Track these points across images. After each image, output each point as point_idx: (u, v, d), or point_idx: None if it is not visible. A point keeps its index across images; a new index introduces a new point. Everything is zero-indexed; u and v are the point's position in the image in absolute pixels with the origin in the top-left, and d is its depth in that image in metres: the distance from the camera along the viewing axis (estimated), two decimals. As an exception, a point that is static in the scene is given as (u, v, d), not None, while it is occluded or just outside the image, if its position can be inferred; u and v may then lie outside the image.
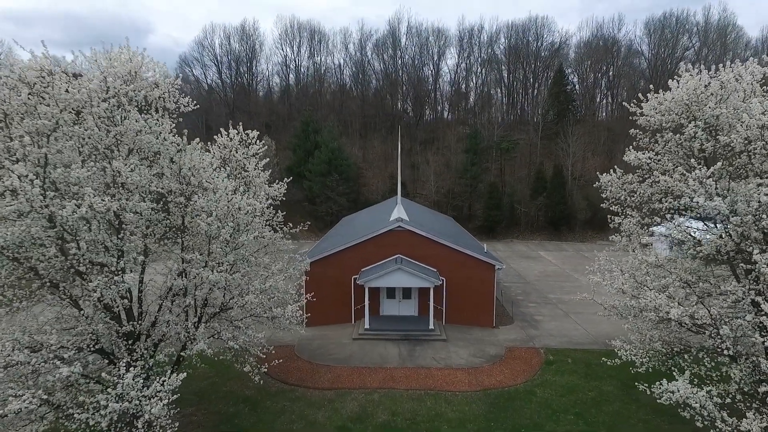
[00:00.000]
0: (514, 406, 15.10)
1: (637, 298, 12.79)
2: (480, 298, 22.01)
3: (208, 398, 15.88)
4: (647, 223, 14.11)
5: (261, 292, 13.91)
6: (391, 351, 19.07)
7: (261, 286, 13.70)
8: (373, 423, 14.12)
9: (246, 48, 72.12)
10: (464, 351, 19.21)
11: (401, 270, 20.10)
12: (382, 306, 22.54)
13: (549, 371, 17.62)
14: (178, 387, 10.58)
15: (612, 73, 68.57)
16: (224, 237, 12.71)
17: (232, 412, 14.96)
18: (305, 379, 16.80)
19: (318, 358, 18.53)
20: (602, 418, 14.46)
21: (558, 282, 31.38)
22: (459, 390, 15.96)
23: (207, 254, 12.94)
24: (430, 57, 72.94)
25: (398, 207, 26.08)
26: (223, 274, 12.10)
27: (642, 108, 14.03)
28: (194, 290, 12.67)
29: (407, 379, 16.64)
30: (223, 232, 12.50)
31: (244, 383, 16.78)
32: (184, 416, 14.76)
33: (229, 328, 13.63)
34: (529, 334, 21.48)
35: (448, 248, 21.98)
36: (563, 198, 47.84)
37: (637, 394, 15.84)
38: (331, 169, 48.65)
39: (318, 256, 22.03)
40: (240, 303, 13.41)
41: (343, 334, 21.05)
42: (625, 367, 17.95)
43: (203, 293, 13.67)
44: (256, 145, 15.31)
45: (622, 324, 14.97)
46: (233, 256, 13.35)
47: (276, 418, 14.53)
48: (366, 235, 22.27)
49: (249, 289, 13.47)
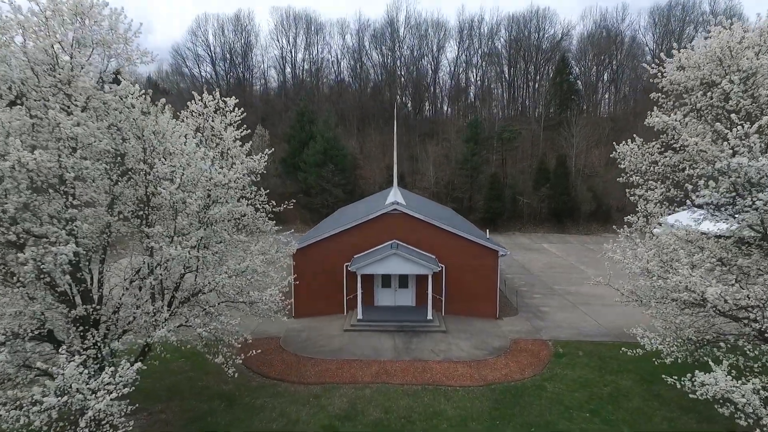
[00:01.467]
0: (522, 402, 13.50)
1: (665, 279, 11.18)
2: (482, 287, 20.40)
3: (180, 394, 14.26)
4: (672, 197, 12.53)
5: (236, 273, 12.30)
6: (385, 343, 17.46)
7: (236, 267, 12.08)
8: (363, 421, 12.51)
9: (241, 39, 70.46)
10: (465, 343, 17.61)
11: (397, 255, 18.48)
12: (376, 296, 20.92)
13: (559, 364, 16.02)
14: (137, 380, 9.02)
15: (615, 65, 66.92)
16: (192, 210, 11.12)
17: (205, 410, 13.35)
18: (289, 373, 15.18)
19: (305, 350, 16.92)
20: (621, 416, 12.86)
21: (563, 274, 29.78)
22: (460, 385, 14.36)
23: (174, 229, 11.35)
24: (429, 49, 71.35)
25: (394, 190, 24.46)
26: (187, 249, 10.46)
27: (665, 69, 12.40)
28: (160, 270, 11.06)
29: (403, 373, 15.03)
30: (190, 201, 10.91)
31: (222, 378, 15.14)
32: (150, 414, 13.17)
33: (200, 314, 12.03)
34: (536, 325, 19.88)
35: (448, 233, 20.36)
36: (567, 189, 46.22)
37: (658, 389, 14.30)
38: (326, 160, 47.01)
39: (307, 242, 20.42)
40: (211, 285, 11.80)
41: (333, 325, 19.43)
42: (643, 360, 16.35)
43: (174, 276, 12.10)
44: (233, 113, 13.70)
45: (643, 311, 13.38)
46: (204, 232, 11.79)
47: (254, 415, 12.92)
48: (359, 219, 20.65)
49: (222, 270, 11.85)
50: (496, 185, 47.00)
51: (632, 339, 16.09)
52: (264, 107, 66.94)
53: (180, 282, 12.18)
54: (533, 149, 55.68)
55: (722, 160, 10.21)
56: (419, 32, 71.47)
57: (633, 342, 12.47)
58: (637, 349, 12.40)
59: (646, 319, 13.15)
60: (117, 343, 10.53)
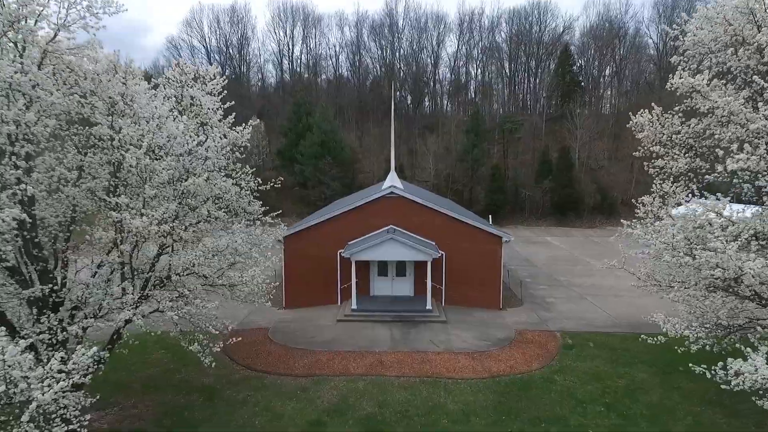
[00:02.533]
0: (531, 395, 12.31)
1: (692, 256, 9.98)
2: (485, 275, 19.19)
3: (156, 387, 13.08)
4: (697, 168, 11.34)
5: (214, 253, 11.12)
6: (381, 333, 16.26)
7: (213, 244, 10.88)
8: (354, 416, 11.32)
9: (237, 32, 69.28)
10: (467, 334, 16.41)
11: (394, 240, 17.28)
12: (372, 285, 19.72)
13: (569, 356, 14.83)
14: (98, 369, 7.89)
15: (618, 57, 65.64)
16: (162, 178, 9.94)
17: (182, 404, 12.16)
18: (276, 365, 13.99)
19: (294, 341, 15.72)
20: (639, 410, 11.65)
21: (568, 266, 28.58)
22: (462, 377, 13.17)
23: (143, 202, 10.14)
24: (429, 41, 70.11)
25: (391, 175, 23.26)
26: (155, 221, 9.27)
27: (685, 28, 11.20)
28: (128, 248, 9.88)
29: (399, 365, 13.84)
30: (159, 169, 9.72)
31: (204, 370, 13.89)
32: (122, 408, 11.99)
33: (175, 297, 10.83)
34: (542, 316, 18.69)
35: (449, 218, 19.17)
36: (570, 181, 44.99)
37: (678, 381, 13.12)
38: (324, 152, 45.79)
39: (298, 228, 19.24)
40: (185, 265, 10.60)
41: (326, 316, 18.23)
42: (658, 351, 15.15)
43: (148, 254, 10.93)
44: (215, 81, 12.50)
45: (664, 295, 12.19)
46: (177, 205, 10.60)
47: (235, 410, 11.73)
48: (354, 204, 19.46)
49: (198, 248, 10.67)
50: (497, 177, 45.79)
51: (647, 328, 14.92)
52: (261, 101, 65.76)
53: (155, 262, 11.01)
54: (535, 143, 54.42)
55: (756, 121, 9.05)
56: (419, 25, 70.33)
57: (648, 331, 11.27)
58: (658, 337, 11.19)
59: (661, 308, 11.94)
60: (75, 327, 9.32)
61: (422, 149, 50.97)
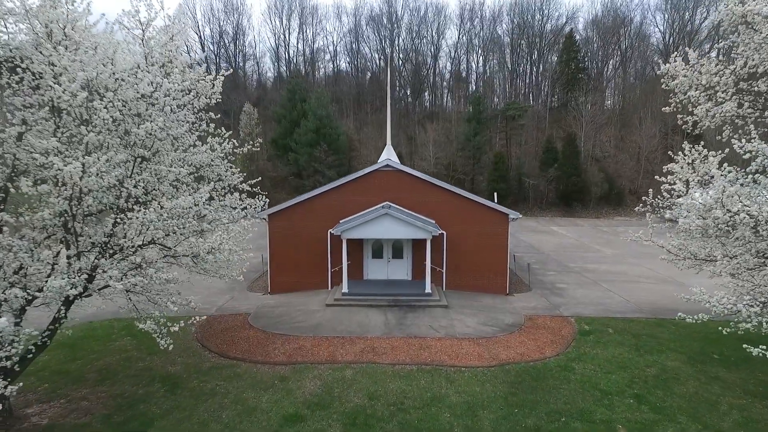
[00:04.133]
0: (546, 386, 10.54)
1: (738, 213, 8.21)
2: (490, 257, 17.44)
3: (114, 377, 11.31)
4: (745, 115, 9.58)
5: (172, 215, 9.31)
6: (374, 318, 14.50)
7: (169, 204, 9.08)
8: (339, 409, 9.55)
9: (232, 21, 67.43)
10: (471, 319, 14.65)
11: (389, 216, 15.51)
12: (366, 268, 17.95)
13: (586, 343, 13.07)
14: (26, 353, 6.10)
15: (625, 46, 63.74)
16: (103, 118, 8.18)
17: (140, 395, 10.39)
18: (253, 352, 12.23)
19: (276, 327, 13.96)
20: (675, 402, 9.89)
21: (578, 253, 26.81)
22: (466, 365, 11.41)
23: (85, 148, 8.36)
24: (428, 31, 68.18)
25: (387, 148, 21.49)
26: (86, 167, 7.51)
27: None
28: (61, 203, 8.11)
29: (394, 351, 12.08)
30: (97, 106, 7.97)
31: (170, 358, 12.26)
32: (69, 400, 10.23)
33: (126, 268, 9.06)
34: (553, 302, 16.92)
35: (450, 194, 17.41)
36: (576, 169, 43.16)
37: (715, 370, 11.34)
38: (319, 139, 43.98)
39: (284, 206, 17.47)
40: (136, 227, 8.82)
41: (314, 301, 16.47)
42: (687, 337, 13.44)
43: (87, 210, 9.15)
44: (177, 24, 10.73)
45: (703, 267, 10.45)
46: (126, 155, 8.86)
47: (200, 403, 9.96)
48: (345, 178, 17.70)
49: (152, 208, 8.87)
50: (500, 165, 43.95)
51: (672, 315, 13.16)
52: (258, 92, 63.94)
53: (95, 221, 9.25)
54: (538, 134, 52.54)
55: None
56: (418, 14, 68.46)
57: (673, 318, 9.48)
58: (700, 315, 9.44)
59: (685, 292, 10.12)
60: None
61: (422, 137, 49.12)
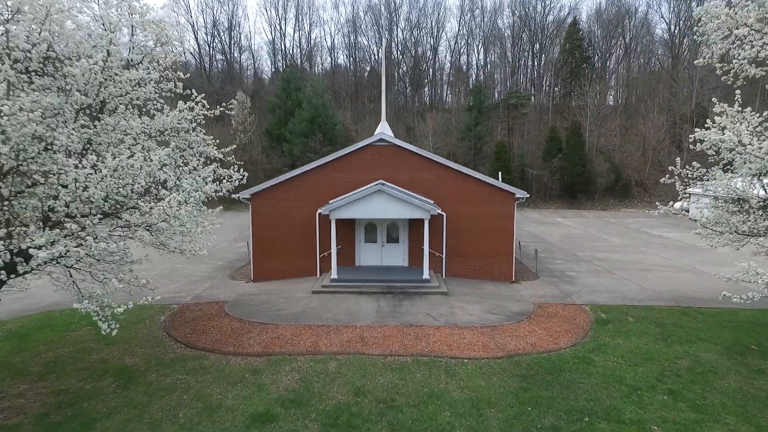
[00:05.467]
0: (564, 380, 8.99)
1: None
2: (494, 240, 15.89)
3: (61, 370, 9.77)
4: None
5: (121, 175, 7.74)
6: (365, 306, 12.95)
7: (116, 163, 7.50)
8: (319, 407, 8.00)
9: (226, 10, 65.85)
10: (474, 307, 13.10)
11: (383, 193, 13.95)
12: (358, 253, 16.40)
13: (605, 332, 11.52)
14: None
15: (629, 37, 62.03)
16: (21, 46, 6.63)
17: (87, 391, 8.85)
18: (225, 342, 10.69)
19: (255, 315, 12.41)
20: (717, 400, 8.34)
21: (587, 242, 25.23)
22: (469, 356, 9.86)
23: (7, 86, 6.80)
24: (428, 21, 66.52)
25: (382, 124, 19.92)
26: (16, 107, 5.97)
27: None
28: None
29: (386, 341, 10.53)
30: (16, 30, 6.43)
31: (130, 349, 10.73)
32: (3, 398, 8.70)
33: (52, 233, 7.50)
34: (564, 290, 15.37)
35: (451, 171, 15.85)
36: (582, 159, 41.55)
37: (757, 363, 9.78)
38: (314, 129, 42.40)
39: (267, 184, 15.92)
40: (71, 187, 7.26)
41: (300, 288, 14.92)
42: (719, 326, 11.90)
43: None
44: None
45: (743, 243, 8.93)
46: (59, 101, 7.29)
47: (155, 400, 8.42)
48: (336, 154, 16.13)
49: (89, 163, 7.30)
50: (502, 155, 42.34)
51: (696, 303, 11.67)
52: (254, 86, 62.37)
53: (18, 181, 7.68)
54: (541, 125, 50.89)
55: None
56: (418, 5, 66.83)
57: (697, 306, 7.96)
58: (749, 294, 7.90)
59: (704, 279, 8.59)
60: None
61: (421, 128, 47.53)
